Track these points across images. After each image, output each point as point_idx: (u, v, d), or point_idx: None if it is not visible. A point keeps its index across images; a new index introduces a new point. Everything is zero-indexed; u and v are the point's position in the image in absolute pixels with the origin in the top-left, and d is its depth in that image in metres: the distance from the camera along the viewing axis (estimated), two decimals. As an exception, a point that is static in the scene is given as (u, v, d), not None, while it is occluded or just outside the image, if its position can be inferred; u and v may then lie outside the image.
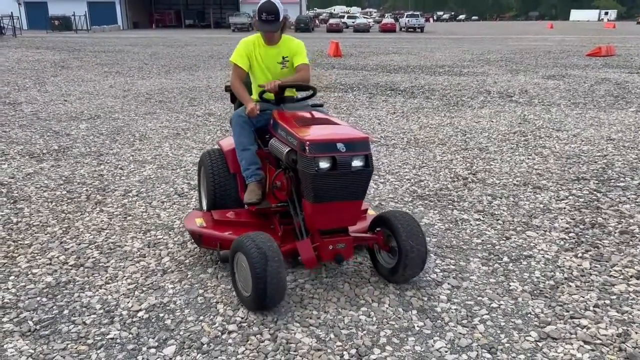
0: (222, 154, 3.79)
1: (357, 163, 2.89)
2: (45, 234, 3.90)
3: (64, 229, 4.01)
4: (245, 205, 3.49)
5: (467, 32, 47.59)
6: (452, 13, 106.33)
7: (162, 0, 60.88)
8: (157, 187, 5.01)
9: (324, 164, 2.82)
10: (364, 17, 63.72)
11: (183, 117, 8.40)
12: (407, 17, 51.56)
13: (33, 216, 4.25)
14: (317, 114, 3.42)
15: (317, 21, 62.00)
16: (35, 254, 3.57)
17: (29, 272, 3.31)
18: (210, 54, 21.54)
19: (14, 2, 56.35)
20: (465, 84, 12.21)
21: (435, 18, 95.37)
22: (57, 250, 3.64)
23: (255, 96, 3.62)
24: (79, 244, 3.73)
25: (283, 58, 3.63)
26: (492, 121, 8.08)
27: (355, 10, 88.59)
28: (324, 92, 11.08)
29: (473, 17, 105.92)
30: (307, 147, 2.82)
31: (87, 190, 4.90)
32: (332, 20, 53.92)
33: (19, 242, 3.77)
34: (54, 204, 4.54)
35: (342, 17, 63.81)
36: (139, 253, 3.60)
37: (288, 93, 3.57)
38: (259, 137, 3.59)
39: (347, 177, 2.89)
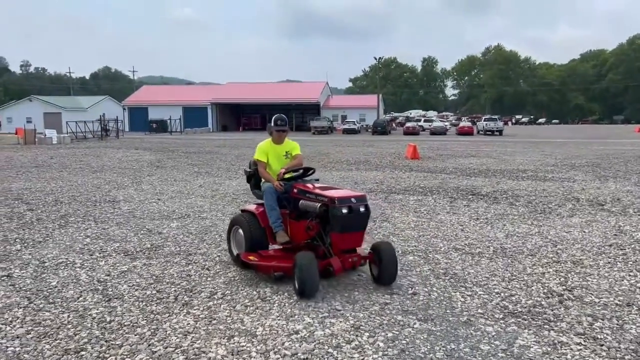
0: (254, 214, 5.65)
1: (362, 209, 4.98)
2: (135, 335, 4.01)
3: (153, 330, 4.10)
4: (276, 245, 5.62)
5: (548, 135, 46.87)
6: (532, 116, 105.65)
7: (249, 106, 65.51)
8: (241, 289, 5.08)
9: (345, 210, 4.87)
10: (441, 120, 64.77)
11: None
12: (485, 120, 51.77)
13: (125, 315, 4.40)
14: (324, 184, 5.74)
15: (394, 124, 63.72)
16: (125, 356, 3.65)
17: (118, 375, 3.37)
18: (292, 155, 22.50)
19: (119, 107, 62.91)
20: (551, 190, 11.80)
21: (514, 121, 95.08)
22: (145, 352, 3.71)
23: (274, 176, 5.67)
24: (166, 347, 3.79)
25: (286, 152, 5.87)
26: (584, 231, 7.65)
27: (431, 113, 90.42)
28: (403, 194, 11.10)
29: (554, 121, 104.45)
30: (336, 201, 4.89)
31: (175, 290, 5.05)
32: (408, 124, 55.28)
33: (111, 342, 3.89)
34: (144, 303, 4.70)
35: (419, 120, 65.22)
36: (222, 361, 3.58)
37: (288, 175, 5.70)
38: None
39: (357, 216, 4.96)
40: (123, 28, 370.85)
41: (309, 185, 5.41)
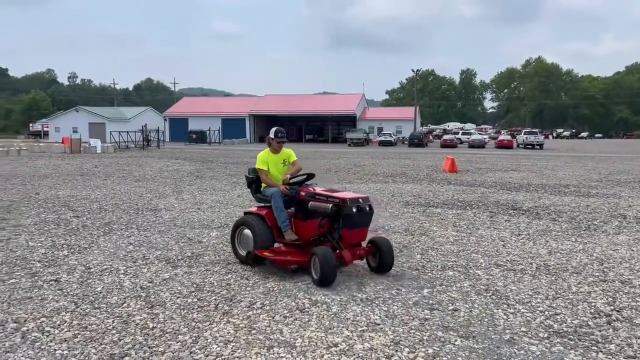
0: (261, 216, 6.20)
1: (367, 208, 5.79)
2: (177, 342, 4.07)
3: (194, 338, 4.16)
4: (285, 242, 6.17)
5: (591, 150, 45.51)
6: (573, 130, 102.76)
7: (285, 117, 66.11)
8: (280, 300, 5.10)
9: (355, 209, 5.64)
10: (479, 133, 63.78)
11: (303, 229, 8.66)
12: (525, 133, 50.71)
13: (167, 322, 4.48)
14: (327, 187, 6.55)
15: (430, 137, 63.11)
16: (168, 362, 3.72)
17: (162, 381, 3.43)
18: (328, 167, 22.57)
19: (160, 118, 64.49)
20: (596, 206, 11.44)
21: (554, 135, 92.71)
22: (187, 360, 3.76)
23: (280, 182, 6.36)
24: (207, 356, 3.84)
25: (283, 161, 6.54)
26: (633, 250, 7.37)
27: (469, 126, 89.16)
28: (441, 208, 10.96)
29: (597, 135, 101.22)
30: (347, 202, 5.64)
31: (215, 299, 5.11)
32: (446, 136, 54.64)
33: (154, 348, 3.96)
34: (185, 311, 4.77)
35: (457, 133, 64.41)
36: (262, 371, 3.60)
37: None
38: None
39: (363, 214, 5.76)
40: (165, 41, 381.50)
41: (317, 189, 6.17)
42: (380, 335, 4.24)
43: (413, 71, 70.97)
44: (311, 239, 6.02)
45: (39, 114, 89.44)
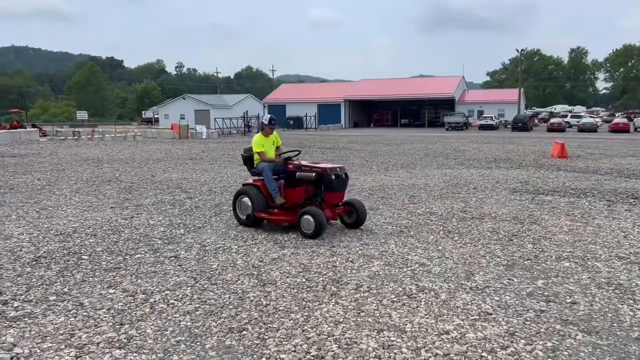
0: (258, 186, 7.49)
1: (343, 176, 7.28)
2: (290, 320, 4.22)
3: (305, 317, 4.29)
4: (276, 206, 7.46)
5: None
6: None
7: (380, 102, 65.54)
8: (386, 284, 5.11)
9: (334, 176, 7.09)
10: (590, 116, 59.23)
11: (405, 214, 8.59)
12: (644, 116, 46.34)
13: (279, 300, 4.66)
14: (305, 160, 7.96)
15: (536, 120, 59.60)
16: (282, 339, 3.87)
17: (278, 357, 3.58)
18: (426, 152, 22.11)
19: (260, 104, 66.64)
20: None
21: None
22: (300, 338, 3.89)
23: (273, 157, 7.75)
24: (319, 335, 3.94)
25: (273, 142, 7.89)
26: None
27: (579, 108, 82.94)
28: (552, 195, 10.35)
29: None
30: (328, 170, 7.12)
31: (322, 280, 5.23)
32: (553, 120, 51.46)
33: (268, 324, 4.14)
34: (295, 290, 4.93)
35: (565, 116, 60.29)
36: (374, 353, 3.64)
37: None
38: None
39: (341, 180, 7.25)
40: (264, 30, 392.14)
41: (302, 162, 7.57)
42: (493, 325, 4.12)
43: (517, 51, 67.21)
44: (298, 202, 7.38)
45: (150, 102, 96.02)
